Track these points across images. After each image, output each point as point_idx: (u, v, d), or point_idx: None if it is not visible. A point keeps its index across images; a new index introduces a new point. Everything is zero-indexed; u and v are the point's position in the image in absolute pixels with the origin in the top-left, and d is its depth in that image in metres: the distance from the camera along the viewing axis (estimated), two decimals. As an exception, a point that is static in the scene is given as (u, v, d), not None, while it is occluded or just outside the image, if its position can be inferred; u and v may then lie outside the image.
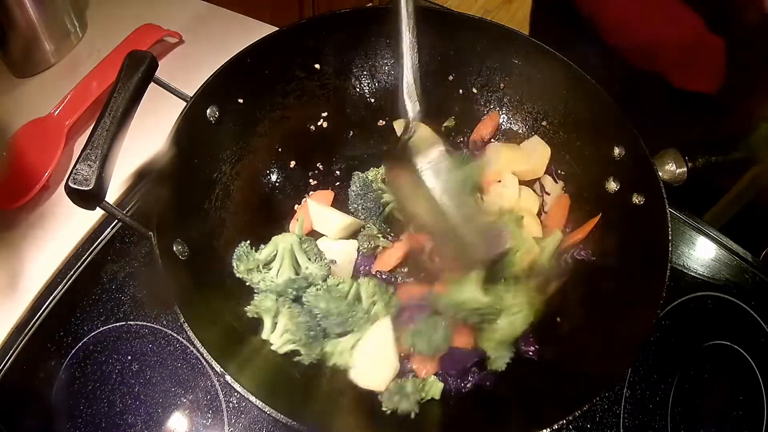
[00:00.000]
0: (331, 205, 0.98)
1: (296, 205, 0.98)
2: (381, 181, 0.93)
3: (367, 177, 0.94)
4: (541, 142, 1.00)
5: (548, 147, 0.99)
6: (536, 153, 0.99)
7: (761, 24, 0.88)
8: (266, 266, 0.87)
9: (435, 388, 0.81)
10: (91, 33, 1.18)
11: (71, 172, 0.68)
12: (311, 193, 0.99)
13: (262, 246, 0.88)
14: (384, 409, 0.79)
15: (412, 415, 0.78)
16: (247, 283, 0.86)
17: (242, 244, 0.87)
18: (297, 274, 0.86)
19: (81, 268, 0.92)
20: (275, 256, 0.87)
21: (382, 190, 0.93)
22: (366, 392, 0.81)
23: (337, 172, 1.02)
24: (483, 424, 0.80)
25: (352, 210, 0.96)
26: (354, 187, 0.94)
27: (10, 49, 1.08)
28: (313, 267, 0.86)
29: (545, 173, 0.99)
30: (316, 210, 0.94)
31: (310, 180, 1.00)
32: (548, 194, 0.99)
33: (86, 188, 0.67)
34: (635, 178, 0.85)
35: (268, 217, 0.95)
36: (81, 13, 1.17)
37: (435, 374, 0.83)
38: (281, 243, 0.86)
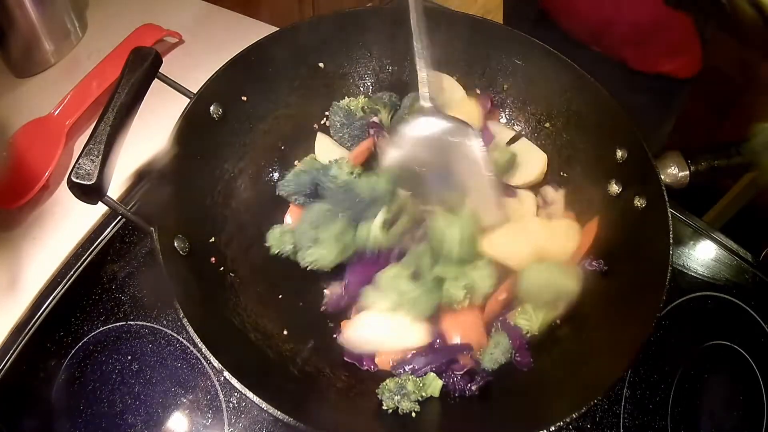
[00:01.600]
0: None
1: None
2: (361, 109, 0.96)
3: (348, 105, 0.96)
4: (534, 148, 0.98)
5: (543, 153, 0.97)
6: (531, 162, 0.97)
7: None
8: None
9: (434, 386, 0.81)
10: (91, 33, 1.18)
11: (74, 167, 0.68)
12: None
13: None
14: (385, 408, 0.78)
15: (413, 415, 0.78)
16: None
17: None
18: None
19: (81, 268, 0.91)
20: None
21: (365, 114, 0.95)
22: (367, 392, 0.81)
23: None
24: (483, 423, 0.79)
25: (337, 139, 0.98)
26: (336, 117, 0.97)
27: (10, 49, 1.08)
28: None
29: (544, 183, 0.97)
30: (324, 144, 0.98)
31: (312, 179, 1.00)
32: (550, 204, 0.96)
33: (88, 182, 0.68)
34: (638, 181, 0.85)
35: (270, 216, 0.95)
36: (81, 13, 1.17)
37: (436, 372, 0.83)
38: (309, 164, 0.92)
